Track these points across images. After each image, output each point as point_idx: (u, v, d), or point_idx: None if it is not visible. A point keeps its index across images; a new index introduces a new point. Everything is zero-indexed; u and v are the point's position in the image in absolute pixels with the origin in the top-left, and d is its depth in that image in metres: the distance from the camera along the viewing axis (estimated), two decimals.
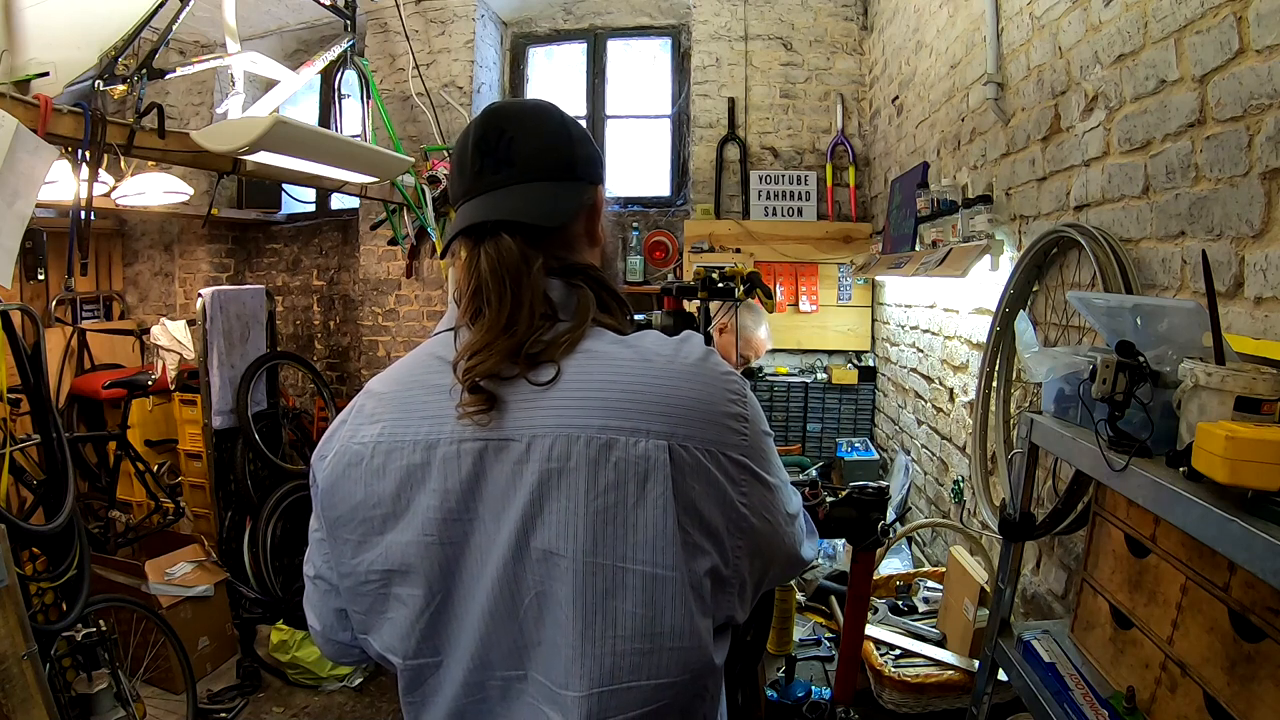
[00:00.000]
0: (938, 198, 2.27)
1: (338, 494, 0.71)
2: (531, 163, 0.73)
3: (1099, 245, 1.32)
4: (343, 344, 4.48)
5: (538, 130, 0.75)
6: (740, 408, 0.68)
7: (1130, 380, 0.89)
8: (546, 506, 0.62)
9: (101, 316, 4.52)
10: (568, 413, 0.63)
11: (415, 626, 0.67)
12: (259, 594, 3.30)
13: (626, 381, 0.65)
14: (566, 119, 0.77)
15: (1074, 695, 1.04)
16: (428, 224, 3.65)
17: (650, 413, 0.63)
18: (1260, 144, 0.97)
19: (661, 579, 0.62)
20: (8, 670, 1.71)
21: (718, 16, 3.82)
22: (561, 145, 0.75)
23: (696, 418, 0.65)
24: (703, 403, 0.66)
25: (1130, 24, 1.28)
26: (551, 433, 0.63)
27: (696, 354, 0.69)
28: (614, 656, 0.62)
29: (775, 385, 3.47)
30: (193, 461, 3.60)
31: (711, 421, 0.65)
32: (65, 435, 2.23)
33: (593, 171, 0.78)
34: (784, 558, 0.74)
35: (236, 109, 2.64)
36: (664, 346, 0.69)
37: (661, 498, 0.62)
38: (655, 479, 0.62)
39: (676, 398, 0.65)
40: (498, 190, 0.72)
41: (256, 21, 4.11)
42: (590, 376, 0.65)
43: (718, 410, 0.66)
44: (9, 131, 1.73)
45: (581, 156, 0.76)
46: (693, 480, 0.63)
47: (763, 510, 0.69)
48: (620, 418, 0.63)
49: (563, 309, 0.70)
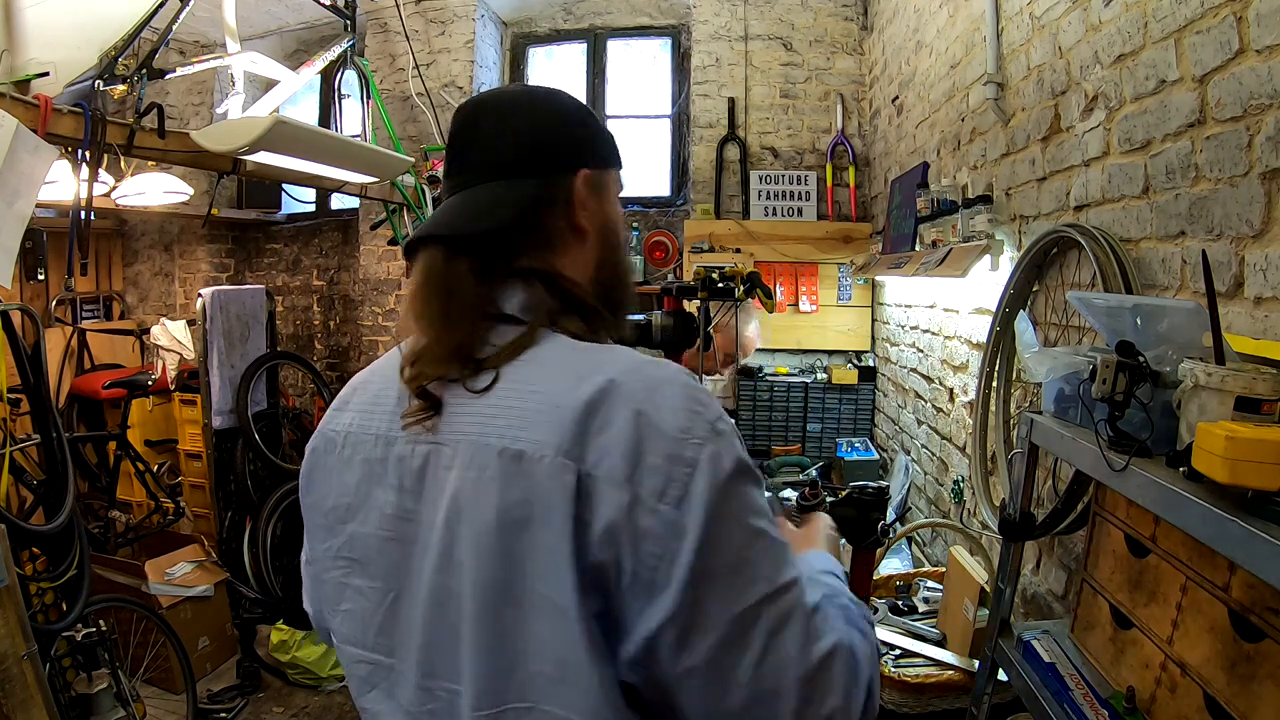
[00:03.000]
0: (938, 198, 2.27)
1: (314, 478, 0.72)
2: (488, 161, 0.71)
3: (1099, 245, 1.32)
4: (343, 344, 4.48)
5: (498, 123, 0.71)
6: (664, 455, 0.56)
7: (1130, 380, 0.89)
8: (463, 516, 0.60)
9: (101, 316, 4.52)
10: (494, 421, 0.60)
11: (373, 620, 0.67)
12: (259, 594, 3.29)
13: (548, 393, 0.60)
14: (547, 105, 0.73)
15: (1074, 695, 1.04)
16: None
17: (564, 429, 0.57)
18: (1260, 144, 0.97)
19: (556, 609, 0.56)
20: (8, 670, 1.71)
21: (718, 16, 3.82)
22: (518, 138, 0.71)
23: (618, 448, 0.56)
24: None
25: (1130, 24, 1.28)
26: (474, 440, 0.60)
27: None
28: (505, 679, 0.58)
29: (775, 385, 3.47)
30: (193, 461, 3.60)
31: (632, 456, 0.56)
32: (65, 435, 2.23)
33: (568, 159, 0.72)
34: (722, 682, 0.55)
35: (236, 109, 2.64)
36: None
37: (561, 521, 0.55)
38: (556, 500, 0.56)
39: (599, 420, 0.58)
40: (457, 193, 0.71)
41: (256, 21, 4.10)
42: (522, 385, 0.61)
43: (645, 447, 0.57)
44: (9, 131, 1.73)
45: (545, 146, 0.71)
46: (594, 510, 0.56)
47: (676, 588, 0.55)
48: (536, 430, 0.58)
49: (526, 312, 0.66)
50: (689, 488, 0.55)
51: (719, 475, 0.56)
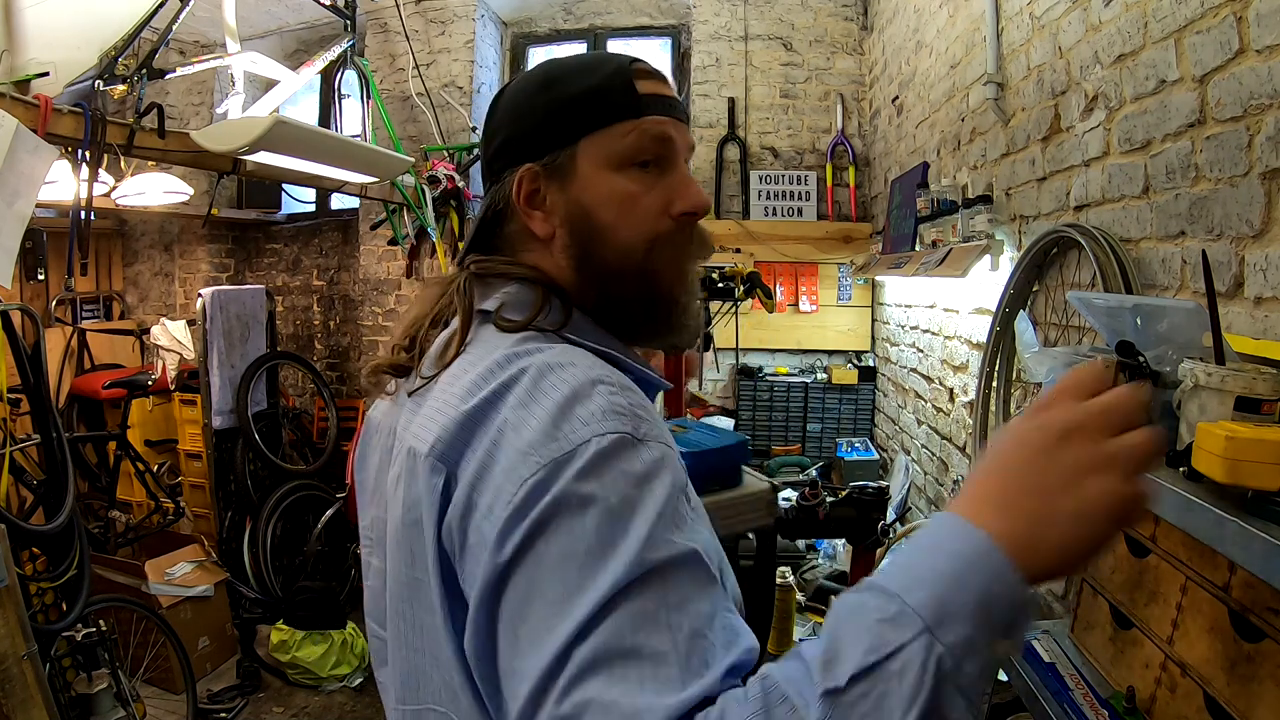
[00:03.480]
0: (938, 198, 2.27)
1: (360, 459, 0.72)
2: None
3: (1099, 245, 1.32)
4: (343, 344, 4.48)
5: (486, 126, 0.70)
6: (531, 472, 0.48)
7: (1130, 380, 0.89)
8: (388, 512, 0.59)
9: (101, 316, 4.52)
10: (414, 419, 0.58)
11: (381, 598, 0.65)
12: (259, 594, 3.29)
13: (453, 393, 0.56)
14: (504, 98, 0.68)
15: (1074, 695, 1.04)
16: (428, 224, 3.64)
17: (450, 430, 0.54)
18: (1260, 144, 0.97)
19: (436, 612, 0.54)
20: (8, 670, 1.71)
21: (718, 16, 3.82)
22: (486, 141, 0.68)
23: (477, 455, 0.51)
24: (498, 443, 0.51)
25: (1130, 24, 1.28)
26: (402, 437, 0.59)
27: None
28: (415, 680, 0.58)
29: (775, 385, 3.47)
30: (193, 461, 3.60)
31: (482, 464, 0.51)
32: (65, 435, 2.23)
33: (507, 157, 0.65)
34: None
35: (236, 109, 2.64)
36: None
37: (431, 525, 0.53)
38: (428, 500, 0.53)
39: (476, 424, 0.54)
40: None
41: (256, 21, 4.10)
42: (444, 384, 0.58)
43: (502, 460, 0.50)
44: (9, 131, 1.73)
45: (497, 144, 0.66)
46: (447, 513, 0.52)
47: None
48: (430, 430, 0.55)
49: (512, 310, 0.62)
50: (514, 507, 0.47)
51: (546, 503, 0.46)
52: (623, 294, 0.63)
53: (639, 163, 0.62)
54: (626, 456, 0.48)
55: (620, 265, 0.62)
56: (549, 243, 0.64)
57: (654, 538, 0.44)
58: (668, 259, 0.64)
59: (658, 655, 0.40)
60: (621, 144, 0.62)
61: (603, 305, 0.64)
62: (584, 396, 0.50)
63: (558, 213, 0.63)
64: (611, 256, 0.62)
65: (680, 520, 0.47)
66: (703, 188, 0.68)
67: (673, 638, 0.41)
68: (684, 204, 0.63)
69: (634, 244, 0.62)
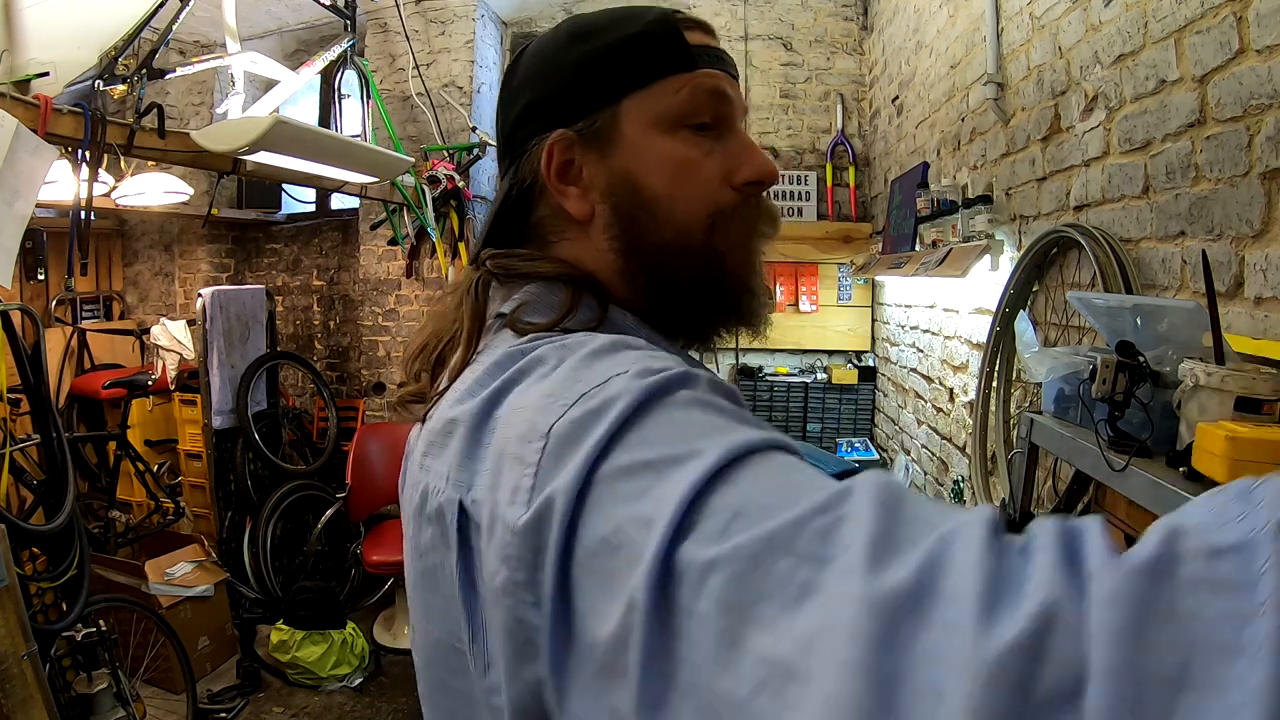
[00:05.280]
0: (938, 198, 2.27)
1: (404, 474, 0.56)
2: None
3: (1099, 245, 1.32)
4: (343, 344, 4.48)
5: (503, 93, 0.57)
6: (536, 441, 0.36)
7: (1130, 380, 0.89)
8: (408, 557, 0.47)
9: (101, 316, 4.52)
10: (420, 443, 0.47)
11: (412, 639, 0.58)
12: (259, 594, 3.29)
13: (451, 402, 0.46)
14: (526, 57, 0.55)
15: None
16: (428, 224, 3.64)
17: (460, 447, 0.41)
18: (1260, 144, 0.97)
19: (461, 678, 0.41)
20: (8, 670, 1.71)
21: (718, 16, 3.82)
22: (500, 113, 0.56)
23: (493, 453, 0.39)
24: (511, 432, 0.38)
25: (1130, 24, 1.28)
26: (412, 468, 0.46)
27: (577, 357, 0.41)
28: None
29: (775, 385, 3.47)
30: (193, 461, 3.60)
31: (502, 456, 0.38)
32: (65, 435, 2.23)
33: (533, 124, 0.53)
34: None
35: (236, 109, 2.64)
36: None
37: (455, 567, 0.39)
38: (449, 540, 0.40)
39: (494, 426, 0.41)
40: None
41: (256, 21, 4.10)
42: (446, 399, 0.46)
43: (511, 440, 0.38)
44: (9, 131, 1.73)
45: (525, 107, 0.54)
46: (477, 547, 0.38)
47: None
48: (438, 457, 0.43)
49: (528, 313, 0.50)
50: (540, 487, 0.34)
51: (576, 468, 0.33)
52: (681, 280, 0.52)
53: (694, 124, 0.51)
54: (691, 384, 0.37)
55: (678, 245, 0.51)
56: (586, 225, 0.52)
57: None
58: (735, 236, 0.53)
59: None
60: (673, 101, 0.51)
61: (657, 296, 0.52)
62: (608, 353, 0.40)
63: (597, 187, 0.52)
64: (668, 235, 0.51)
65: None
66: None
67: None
68: (749, 171, 0.53)
69: (694, 219, 0.51)
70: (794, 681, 0.24)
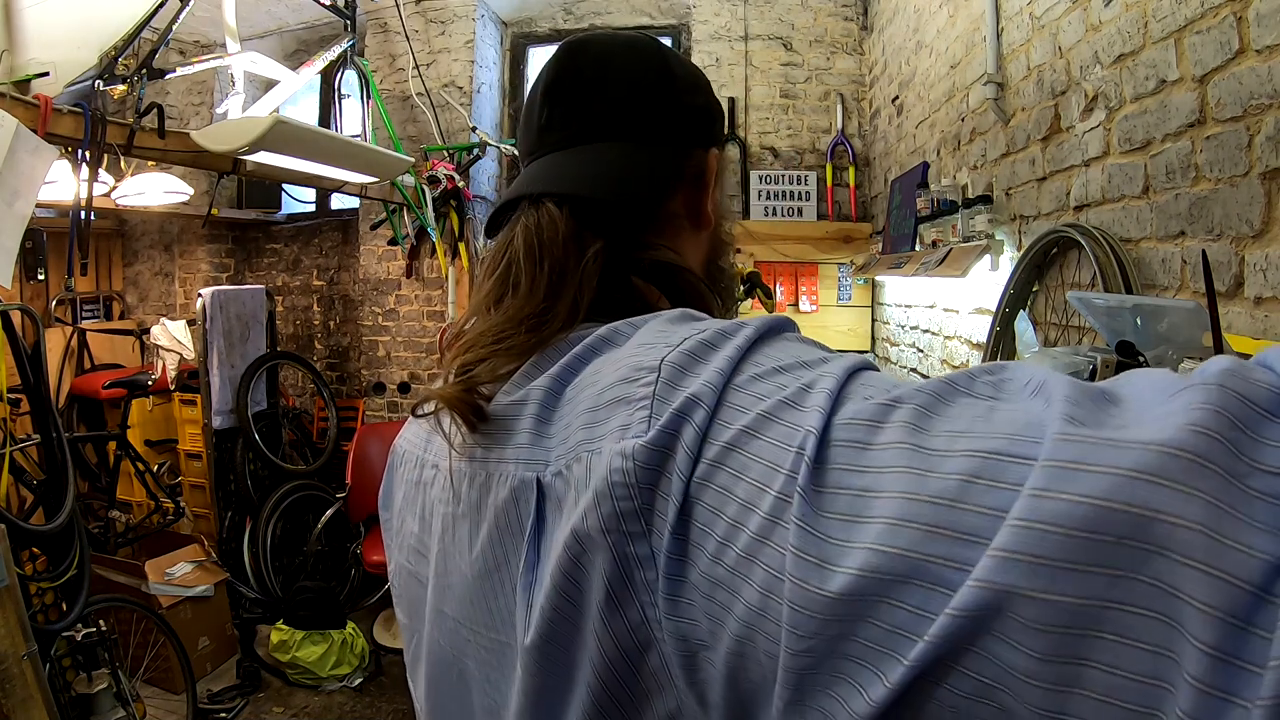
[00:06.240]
0: (938, 198, 2.27)
1: (389, 488, 0.60)
2: (610, 115, 0.55)
3: (1099, 245, 1.32)
4: (343, 344, 4.48)
5: (625, 73, 0.56)
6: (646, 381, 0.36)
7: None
8: (448, 562, 0.46)
9: (101, 316, 4.52)
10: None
11: (410, 659, 0.55)
12: (259, 594, 3.30)
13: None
14: (669, 58, 0.58)
15: None
16: (428, 224, 3.65)
17: (536, 428, 0.41)
18: (1260, 144, 0.97)
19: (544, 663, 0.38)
20: (8, 670, 1.71)
21: (718, 16, 3.82)
22: (654, 93, 0.56)
23: (582, 412, 0.39)
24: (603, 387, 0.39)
25: (1130, 24, 1.28)
26: (503, 468, 0.43)
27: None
28: None
29: None
30: (193, 461, 3.60)
31: (599, 408, 0.38)
32: (65, 435, 2.23)
33: (699, 131, 0.57)
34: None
35: (236, 109, 2.64)
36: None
37: (524, 550, 0.39)
38: (524, 524, 0.40)
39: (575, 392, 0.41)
40: (564, 150, 0.54)
41: (256, 21, 4.10)
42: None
43: (611, 389, 0.38)
44: (9, 131, 1.73)
45: (684, 110, 0.57)
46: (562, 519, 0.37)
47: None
48: (514, 441, 0.42)
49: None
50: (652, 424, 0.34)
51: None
52: (716, 306, 0.55)
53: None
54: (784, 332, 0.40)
55: (725, 268, 0.61)
56: (702, 230, 0.57)
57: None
58: (728, 294, 0.62)
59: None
60: (720, 167, 0.59)
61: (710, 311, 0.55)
62: (686, 318, 0.41)
63: (709, 207, 0.58)
64: (728, 259, 0.61)
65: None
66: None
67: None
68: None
69: (731, 267, 0.63)
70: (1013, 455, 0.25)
